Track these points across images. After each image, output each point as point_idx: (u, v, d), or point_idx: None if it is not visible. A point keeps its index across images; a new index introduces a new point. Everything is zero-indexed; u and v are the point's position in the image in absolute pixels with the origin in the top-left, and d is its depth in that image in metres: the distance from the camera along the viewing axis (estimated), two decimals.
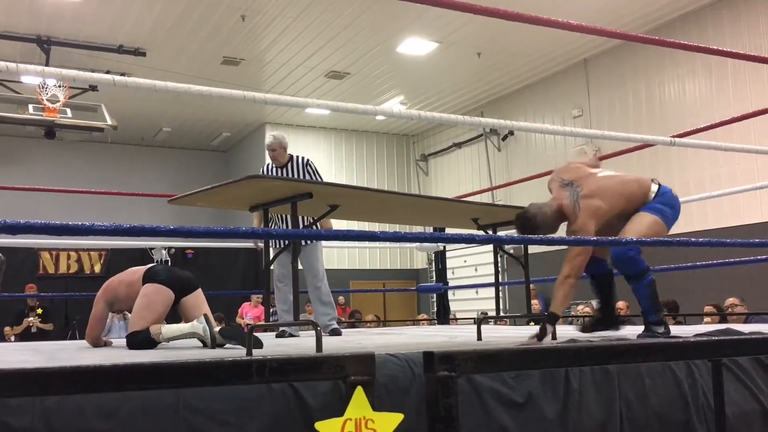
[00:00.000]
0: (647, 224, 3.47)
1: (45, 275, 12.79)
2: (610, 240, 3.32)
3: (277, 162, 5.16)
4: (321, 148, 15.82)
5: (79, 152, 15.09)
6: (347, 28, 10.56)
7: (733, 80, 9.71)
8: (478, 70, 12.37)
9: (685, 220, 10.06)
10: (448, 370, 0.99)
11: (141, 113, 14.04)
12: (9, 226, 2.04)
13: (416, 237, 2.92)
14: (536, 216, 3.50)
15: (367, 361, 0.99)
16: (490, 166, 14.03)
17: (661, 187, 3.64)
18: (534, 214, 3.52)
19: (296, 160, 5.19)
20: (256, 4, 9.80)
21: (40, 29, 10.28)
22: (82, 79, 2.47)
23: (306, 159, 5.24)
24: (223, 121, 15.21)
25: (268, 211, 3.48)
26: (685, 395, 2.82)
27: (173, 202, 3.81)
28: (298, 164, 5.14)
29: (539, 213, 3.52)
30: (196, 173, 15.98)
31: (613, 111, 11.53)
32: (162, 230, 2.30)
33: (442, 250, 7.38)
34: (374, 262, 15.87)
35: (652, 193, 3.57)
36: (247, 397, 2.11)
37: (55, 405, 1.94)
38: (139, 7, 9.74)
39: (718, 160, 9.57)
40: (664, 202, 3.56)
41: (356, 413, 0.96)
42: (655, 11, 10.20)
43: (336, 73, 12.34)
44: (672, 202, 3.60)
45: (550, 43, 11.13)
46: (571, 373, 2.63)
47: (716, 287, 8.63)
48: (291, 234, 2.85)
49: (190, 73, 11.23)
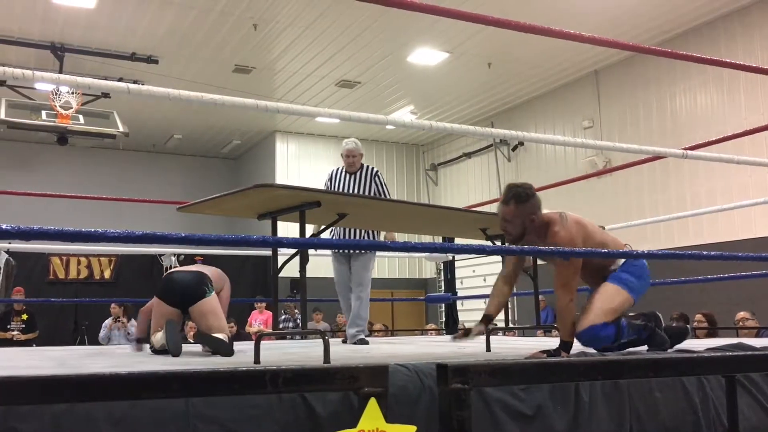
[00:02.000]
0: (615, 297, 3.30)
1: (55, 280, 12.87)
2: (621, 252, 3.28)
3: (351, 168, 5.22)
4: (330, 157, 15.83)
5: (91, 158, 15.19)
6: (358, 38, 10.60)
7: (745, 93, 9.67)
8: (489, 81, 12.37)
9: (696, 232, 10.07)
10: (462, 383, 0.98)
11: (152, 120, 14.12)
12: (23, 232, 2.05)
13: (426, 247, 2.91)
14: (532, 193, 3.29)
15: (381, 373, 0.99)
16: (500, 176, 14.01)
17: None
18: (531, 189, 3.32)
19: (366, 169, 5.25)
20: (268, 13, 9.86)
21: (54, 36, 10.37)
22: (97, 86, 2.48)
23: (376, 170, 5.30)
24: (233, 128, 15.27)
25: (276, 220, 3.48)
26: (696, 409, 2.80)
27: (182, 210, 3.82)
28: (369, 174, 5.21)
29: (535, 196, 3.31)
30: (207, 180, 16.04)
31: (624, 123, 11.50)
32: (173, 237, 2.31)
33: (451, 260, 7.38)
34: (383, 272, 15.86)
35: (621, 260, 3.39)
36: (256, 407, 2.11)
37: (64, 411, 1.94)
38: (152, 15, 9.81)
39: (730, 173, 9.52)
40: (631, 271, 3.39)
41: (369, 425, 0.96)
42: (667, 23, 10.19)
43: (346, 82, 12.38)
44: (640, 272, 3.43)
45: (560, 54, 11.13)
46: (582, 386, 2.61)
47: (727, 300, 8.57)
48: (300, 243, 2.85)
49: (201, 80, 11.29)
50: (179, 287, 3.77)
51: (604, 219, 8.56)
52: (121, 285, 13.12)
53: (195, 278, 3.79)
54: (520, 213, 3.26)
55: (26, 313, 9.40)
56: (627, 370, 1.13)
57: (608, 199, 11.42)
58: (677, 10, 9.80)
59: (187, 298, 3.70)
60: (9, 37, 10.24)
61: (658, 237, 10.38)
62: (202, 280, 3.79)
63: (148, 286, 13.22)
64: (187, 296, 3.70)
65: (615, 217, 9.92)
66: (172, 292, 3.74)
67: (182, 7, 9.61)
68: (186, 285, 3.77)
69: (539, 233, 3.31)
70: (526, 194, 3.28)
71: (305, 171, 15.18)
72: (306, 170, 15.23)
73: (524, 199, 3.26)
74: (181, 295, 3.73)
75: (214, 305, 3.75)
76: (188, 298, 3.70)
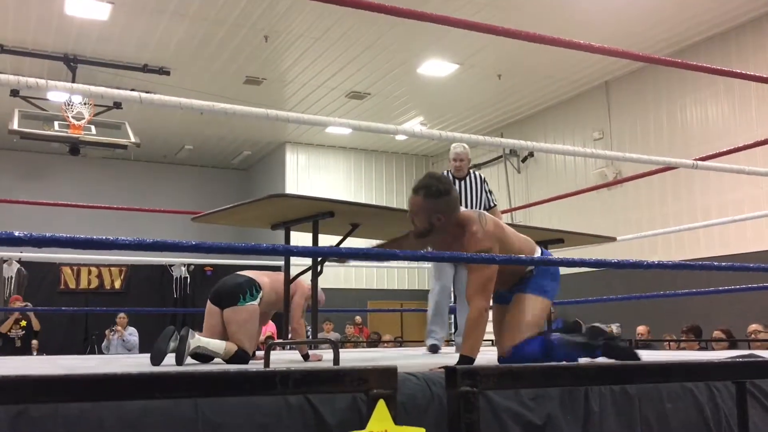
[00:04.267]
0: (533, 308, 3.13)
1: (66, 290, 12.93)
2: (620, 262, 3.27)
3: (459, 173, 5.14)
4: (340, 168, 15.89)
5: (102, 169, 15.29)
6: (368, 49, 10.65)
7: (757, 104, 9.64)
8: (499, 92, 12.39)
9: (707, 244, 10.02)
10: (470, 386, 0.99)
11: (163, 131, 14.22)
12: (34, 239, 2.07)
13: (435, 257, 2.92)
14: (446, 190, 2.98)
15: (390, 375, 0.99)
16: (509, 187, 14.00)
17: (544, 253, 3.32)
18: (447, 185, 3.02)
19: (474, 175, 5.19)
20: (279, 25, 9.93)
21: (67, 48, 10.48)
22: (110, 96, 2.51)
23: (483, 176, 5.23)
24: (243, 140, 15.35)
25: (289, 230, 3.50)
26: (708, 420, 2.78)
27: (197, 220, 3.85)
28: (476, 180, 5.15)
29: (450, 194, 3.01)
30: (217, 191, 16.12)
31: (635, 134, 11.48)
32: (184, 245, 2.32)
33: None
34: (392, 282, 15.85)
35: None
36: (265, 413, 2.11)
37: (76, 416, 1.95)
38: (165, 27, 9.90)
39: (741, 184, 9.48)
40: (546, 274, 3.24)
41: (378, 427, 0.96)
42: (678, 34, 10.18)
43: (357, 93, 12.43)
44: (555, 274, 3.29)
45: (571, 65, 11.14)
46: (592, 395, 2.60)
47: (739, 312, 8.51)
48: (312, 251, 2.86)
49: (212, 91, 11.37)
50: (218, 288, 3.78)
51: (615, 230, 8.54)
52: (131, 295, 13.18)
53: (237, 283, 3.71)
54: (428, 208, 2.97)
55: (24, 320, 9.38)
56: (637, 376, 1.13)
57: (619, 210, 11.38)
58: (688, 21, 9.80)
59: (222, 301, 3.71)
60: (23, 48, 10.35)
61: (669, 249, 10.33)
62: (241, 287, 3.68)
63: (158, 296, 13.32)
64: (223, 299, 3.71)
65: (626, 229, 9.88)
66: (215, 291, 3.77)
67: (194, 19, 9.70)
68: (224, 288, 3.74)
69: (455, 234, 3.04)
70: (439, 190, 2.96)
71: (315, 182, 15.22)
72: (316, 181, 15.28)
73: (435, 194, 2.96)
74: (218, 296, 3.74)
75: (241, 316, 3.65)
76: (223, 301, 3.71)
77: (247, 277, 3.75)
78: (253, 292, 3.68)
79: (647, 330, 7.85)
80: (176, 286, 13.37)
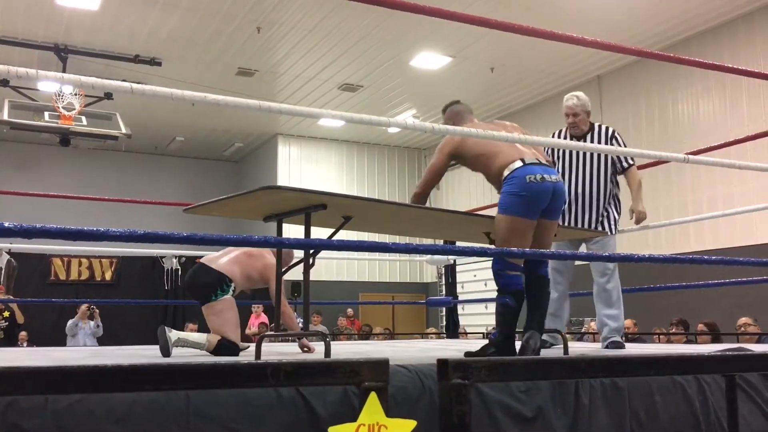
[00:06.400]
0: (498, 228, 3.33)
1: (56, 281, 12.87)
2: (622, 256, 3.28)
3: (575, 130, 4.31)
4: (332, 161, 15.87)
5: (93, 160, 15.21)
6: (361, 41, 10.62)
7: (748, 99, 9.68)
8: (491, 85, 12.39)
9: (698, 238, 10.06)
10: (462, 378, 0.99)
11: (155, 122, 14.15)
12: (24, 230, 2.05)
13: (428, 249, 2.92)
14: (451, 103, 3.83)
15: (382, 367, 0.99)
16: None
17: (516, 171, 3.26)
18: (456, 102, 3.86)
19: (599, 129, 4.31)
20: (271, 17, 9.88)
21: (58, 38, 10.40)
22: (101, 86, 2.49)
23: (613, 130, 4.28)
24: (235, 131, 15.31)
25: (281, 222, 3.49)
26: (697, 413, 2.80)
27: (188, 211, 3.82)
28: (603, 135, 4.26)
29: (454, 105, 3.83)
30: (209, 183, 16.09)
31: (626, 128, 11.50)
32: (175, 237, 2.31)
33: (453, 264, 7.37)
34: (384, 275, 15.87)
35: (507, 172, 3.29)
36: (256, 405, 2.12)
37: (65, 408, 1.95)
38: (156, 17, 9.84)
39: (732, 179, 9.53)
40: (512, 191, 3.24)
41: (370, 419, 0.97)
42: (671, 29, 10.21)
43: (349, 85, 12.40)
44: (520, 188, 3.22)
45: (563, 59, 11.15)
46: (582, 388, 2.62)
47: (728, 306, 8.56)
48: (303, 243, 2.85)
49: (204, 83, 11.32)
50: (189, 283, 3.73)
51: None
52: (122, 286, 13.14)
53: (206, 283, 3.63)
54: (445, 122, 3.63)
55: (7, 311, 9.31)
56: (629, 368, 1.14)
57: None
58: (680, 16, 9.82)
59: (195, 298, 3.71)
60: (12, 38, 10.27)
61: (659, 243, 10.38)
62: (211, 287, 3.61)
63: (149, 287, 13.27)
64: (195, 297, 3.71)
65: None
66: (187, 286, 3.78)
67: (186, 9, 9.64)
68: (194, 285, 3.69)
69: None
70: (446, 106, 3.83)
71: (308, 174, 15.20)
72: (308, 173, 15.26)
73: (445, 109, 3.83)
74: (191, 292, 3.74)
75: (217, 308, 3.60)
76: (196, 299, 3.71)
77: (216, 273, 3.63)
78: (224, 288, 3.60)
79: (633, 323, 7.88)
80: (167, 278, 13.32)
